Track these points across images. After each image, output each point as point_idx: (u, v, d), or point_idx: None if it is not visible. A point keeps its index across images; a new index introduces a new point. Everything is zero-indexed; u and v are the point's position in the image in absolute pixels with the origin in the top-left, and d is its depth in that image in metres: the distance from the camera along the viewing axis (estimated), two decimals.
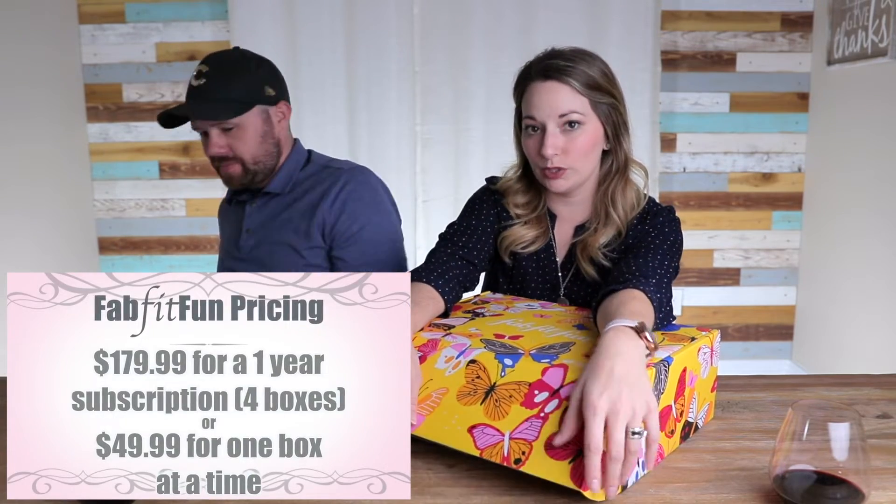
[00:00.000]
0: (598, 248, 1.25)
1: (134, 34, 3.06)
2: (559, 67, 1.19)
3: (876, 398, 1.14)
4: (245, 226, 1.58)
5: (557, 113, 1.18)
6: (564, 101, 1.18)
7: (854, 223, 2.74)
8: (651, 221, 1.24)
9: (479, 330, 1.04)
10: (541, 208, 1.31)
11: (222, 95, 1.43)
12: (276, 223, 1.54)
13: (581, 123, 1.19)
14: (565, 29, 2.88)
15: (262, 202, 1.57)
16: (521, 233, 1.30)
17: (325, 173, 1.55)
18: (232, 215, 1.64)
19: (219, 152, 1.47)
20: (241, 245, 1.58)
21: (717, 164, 3.14)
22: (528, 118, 1.22)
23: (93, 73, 3.09)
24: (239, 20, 2.92)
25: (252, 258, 1.56)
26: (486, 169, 2.86)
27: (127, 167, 3.16)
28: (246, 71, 1.47)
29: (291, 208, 1.54)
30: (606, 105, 1.22)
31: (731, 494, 0.85)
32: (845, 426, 0.75)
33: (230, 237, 1.63)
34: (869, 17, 2.53)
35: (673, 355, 0.94)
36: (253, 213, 1.58)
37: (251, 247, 1.56)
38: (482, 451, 0.88)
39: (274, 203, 1.56)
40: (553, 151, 1.19)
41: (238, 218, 1.61)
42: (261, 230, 1.56)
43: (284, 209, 1.55)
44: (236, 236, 1.60)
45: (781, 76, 3.07)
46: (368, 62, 2.96)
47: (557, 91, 1.18)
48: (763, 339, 3.28)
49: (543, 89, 1.19)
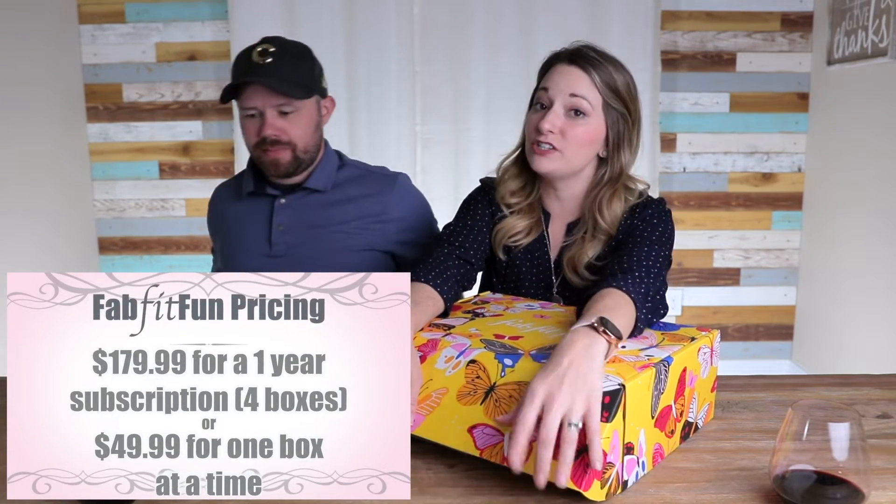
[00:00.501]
0: (585, 265, 1.25)
1: (134, 34, 3.06)
2: (588, 57, 1.22)
3: (876, 398, 1.14)
4: (276, 222, 1.50)
5: (569, 92, 1.20)
6: (580, 86, 1.20)
7: (854, 223, 2.74)
8: (640, 214, 1.24)
9: (478, 330, 1.04)
10: (534, 195, 1.32)
11: (289, 77, 1.41)
12: (320, 221, 1.50)
13: (587, 115, 1.20)
14: (565, 29, 2.88)
15: (297, 197, 1.51)
16: (512, 223, 1.30)
17: (370, 179, 1.55)
18: (252, 212, 1.54)
19: (274, 134, 1.42)
20: (273, 241, 1.50)
21: (717, 164, 3.14)
22: (541, 89, 1.23)
23: (93, 73, 3.09)
24: (239, 20, 2.92)
25: (290, 255, 1.49)
26: (486, 169, 2.83)
27: (127, 167, 3.16)
28: (309, 59, 1.48)
29: (337, 208, 1.51)
30: (617, 113, 1.23)
31: (731, 494, 0.85)
32: (845, 426, 0.75)
33: (254, 234, 1.52)
34: (869, 17, 2.53)
35: (673, 355, 0.94)
36: (285, 208, 1.51)
37: (288, 244, 1.50)
38: (482, 451, 0.88)
39: (312, 200, 1.51)
40: (549, 127, 1.20)
41: (264, 214, 1.52)
42: (298, 227, 1.50)
43: (327, 208, 1.51)
44: (264, 233, 1.51)
45: (781, 76, 3.07)
46: (368, 62, 2.96)
47: (577, 76, 1.21)
48: (763, 339, 3.28)
49: (565, 71, 1.22)
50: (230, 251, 1.57)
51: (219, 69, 3.05)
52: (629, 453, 0.86)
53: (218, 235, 1.62)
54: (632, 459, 0.86)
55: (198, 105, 3.10)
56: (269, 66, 1.40)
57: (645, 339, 1.02)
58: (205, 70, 3.07)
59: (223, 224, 1.60)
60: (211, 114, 3.10)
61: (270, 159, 1.45)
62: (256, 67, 1.41)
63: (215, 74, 3.06)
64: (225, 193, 1.63)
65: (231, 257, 1.56)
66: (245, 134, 1.47)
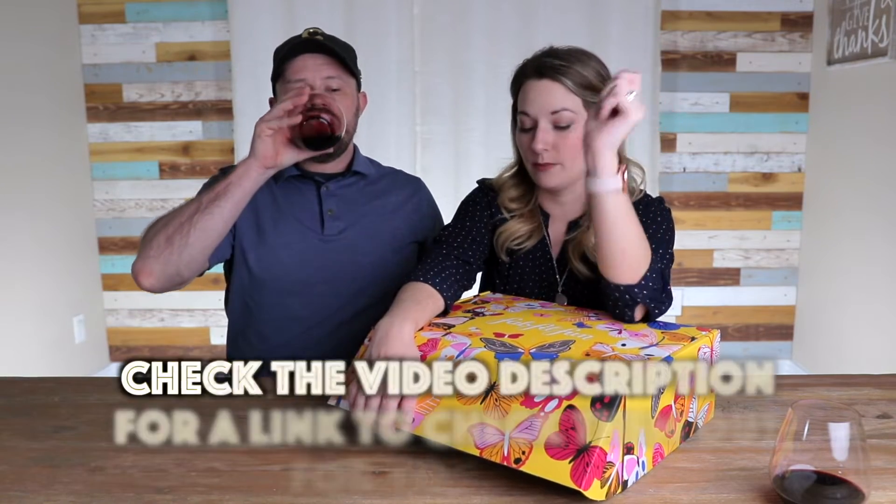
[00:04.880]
0: (589, 248, 1.25)
1: (134, 34, 3.06)
2: (554, 66, 1.21)
3: (876, 398, 1.14)
4: (326, 206, 1.46)
5: (549, 110, 1.21)
6: (557, 99, 1.20)
7: (854, 223, 2.74)
8: (643, 212, 1.24)
9: (478, 329, 1.04)
10: (533, 203, 1.32)
11: (339, 52, 1.40)
12: (368, 208, 1.49)
13: (573, 122, 1.21)
14: (565, 29, 2.88)
15: (345, 183, 1.49)
16: (515, 227, 1.31)
17: (401, 176, 1.59)
18: (295, 194, 1.48)
19: (324, 103, 1.30)
20: (326, 225, 1.46)
21: (717, 164, 3.14)
22: (522, 114, 1.24)
23: (93, 73, 3.09)
24: (239, 20, 2.92)
25: (342, 239, 1.46)
26: (486, 169, 2.83)
27: (127, 167, 3.16)
28: (351, 48, 1.48)
29: (381, 199, 1.51)
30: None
31: (731, 494, 0.85)
32: (845, 426, 0.75)
33: (304, 216, 1.46)
34: (869, 17, 2.53)
35: (673, 355, 0.94)
36: (334, 193, 1.47)
37: (340, 229, 1.46)
38: (482, 451, 0.88)
39: (358, 187, 1.50)
40: (543, 146, 1.21)
41: (311, 197, 1.47)
42: (347, 213, 1.47)
43: (372, 198, 1.50)
44: (315, 216, 1.46)
45: (781, 76, 3.07)
46: (368, 62, 2.93)
47: (551, 89, 1.21)
48: (763, 339, 3.28)
49: (538, 87, 1.22)
50: (267, 229, 1.45)
51: (219, 69, 3.05)
52: (629, 453, 0.86)
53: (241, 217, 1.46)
54: (632, 459, 0.86)
55: (198, 105, 3.10)
56: (320, 41, 1.38)
57: (645, 337, 1.02)
58: (205, 70, 3.07)
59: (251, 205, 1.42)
60: (211, 114, 3.10)
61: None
62: (306, 42, 1.38)
63: (215, 74, 3.06)
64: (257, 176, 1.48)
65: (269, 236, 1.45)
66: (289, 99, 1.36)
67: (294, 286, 1.45)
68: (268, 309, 1.47)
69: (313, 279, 1.45)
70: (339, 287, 1.46)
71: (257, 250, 1.44)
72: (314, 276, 1.45)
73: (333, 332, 1.46)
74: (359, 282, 1.46)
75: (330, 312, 1.46)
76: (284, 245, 1.45)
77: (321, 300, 1.46)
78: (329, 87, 1.39)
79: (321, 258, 1.45)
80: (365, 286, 1.47)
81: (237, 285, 1.48)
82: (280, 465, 0.93)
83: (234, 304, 1.51)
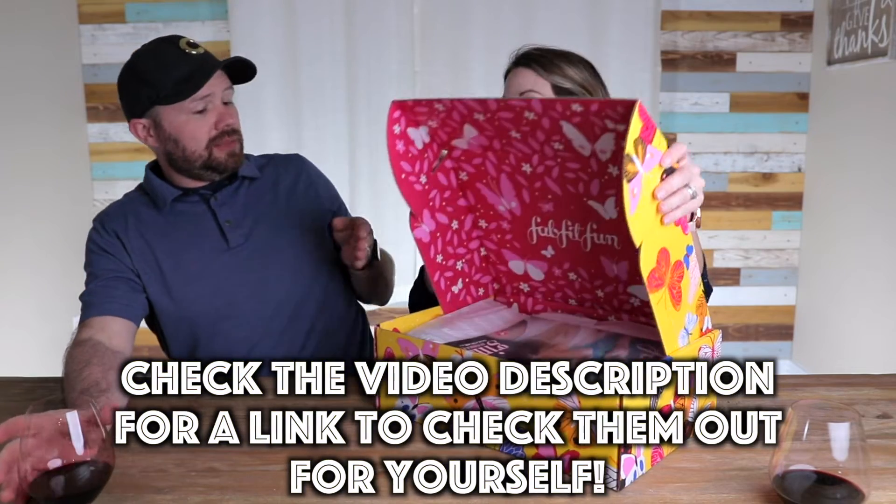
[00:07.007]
0: None
1: (134, 34, 3.05)
2: (529, 54, 1.28)
3: (876, 398, 1.14)
4: (222, 218, 1.39)
5: (518, 91, 1.25)
6: (527, 82, 1.26)
7: (854, 223, 2.74)
8: None
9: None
10: None
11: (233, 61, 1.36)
12: (264, 205, 1.43)
13: None
14: (565, 29, 2.88)
15: (231, 188, 1.42)
16: None
17: (277, 160, 1.52)
18: (185, 216, 1.40)
19: (232, 124, 1.34)
20: (228, 237, 1.38)
21: (717, 164, 3.14)
22: None
23: (93, 73, 3.09)
24: (239, 20, 2.92)
25: (251, 245, 1.40)
26: None
27: (127, 167, 3.16)
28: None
29: (273, 192, 1.45)
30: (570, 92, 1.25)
31: (731, 494, 0.85)
32: (845, 426, 0.75)
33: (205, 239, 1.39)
34: (869, 17, 2.52)
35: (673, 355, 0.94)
36: (224, 202, 1.40)
37: (245, 236, 1.40)
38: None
39: (244, 188, 1.43)
40: None
41: (204, 213, 1.40)
42: (245, 217, 1.41)
43: (266, 192, 1.45)
44: (217, 232, 1.39)
45: (781, 76, 3.07)
46: (368, 62, 2.96)
47: (522, 74, 1.27)
48: (763, 339, 3.28)
49: (512, 74, 1.30)
50: (168, 270, 1.37)
51: None
52: (627, 452, 0.86)
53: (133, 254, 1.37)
54: (630, 458, 0.86)
55: None
56: (209, 54, 1.34)
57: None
58: None
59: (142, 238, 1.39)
60: None
61: (229, 153, 1.34)
62: (197, 58, 1.32)
63: None
64: (124, 215, 1.42)
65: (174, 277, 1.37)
66: (195, 132, 1.33)
67: (221, 310, 1.37)
68: (206, 343, 1.39)
69: (238, 296, 1.37)
70: (267, 293, 1.39)
71: (170, 295, 1.36)
72: (237, 292, 1.38)
73: (287, 330, 1.40)
74: (286, 277, 1.40)
75: (267, 319, 1.39)
76: (195, 277, 1.37)
77: (253, 312, 1.38)
78: (225, 101, 1.36)
79: (237, 273, 1.38)
80: (294, 276, 1.40)
81: (170, 331, 1.40)
82: (280, 465, 0.93)
83: (175, 350, 1.43)
